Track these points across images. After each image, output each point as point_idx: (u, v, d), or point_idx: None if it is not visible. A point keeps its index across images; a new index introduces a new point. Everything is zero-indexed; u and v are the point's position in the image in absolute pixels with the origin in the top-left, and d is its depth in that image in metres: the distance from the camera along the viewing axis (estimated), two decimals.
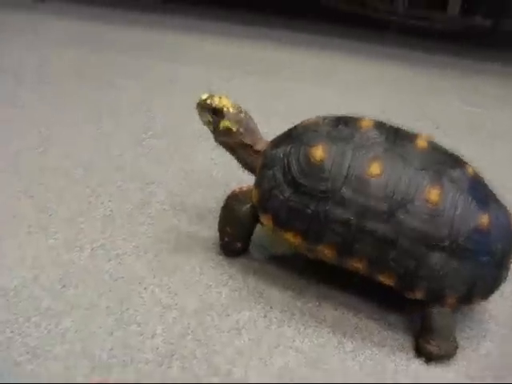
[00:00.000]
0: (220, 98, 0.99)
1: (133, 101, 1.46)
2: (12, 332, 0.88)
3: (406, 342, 0.94)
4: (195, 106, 0.99)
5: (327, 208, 0.90)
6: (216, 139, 1.03)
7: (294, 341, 0.92)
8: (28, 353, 0.85)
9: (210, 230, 1.08)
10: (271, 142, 1.00)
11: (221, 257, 1.05)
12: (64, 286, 0.96)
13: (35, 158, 1.24)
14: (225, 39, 1.73)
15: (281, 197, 0.93)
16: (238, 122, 0.99)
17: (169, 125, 1.38)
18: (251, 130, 1.01)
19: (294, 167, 0.93)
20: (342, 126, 0.94)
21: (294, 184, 0.92)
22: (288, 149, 0.94)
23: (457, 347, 0.91)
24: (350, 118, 0.96)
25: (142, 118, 1.42)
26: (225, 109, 0.99)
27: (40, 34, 1.76)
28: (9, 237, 1.04)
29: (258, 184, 0.97)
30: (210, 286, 0.99)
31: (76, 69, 1.57)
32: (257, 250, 1.07)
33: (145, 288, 0.97)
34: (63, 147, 1.28)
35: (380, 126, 0.94)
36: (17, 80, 1.50)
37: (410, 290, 0.90)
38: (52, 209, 1.11)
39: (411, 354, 0.93)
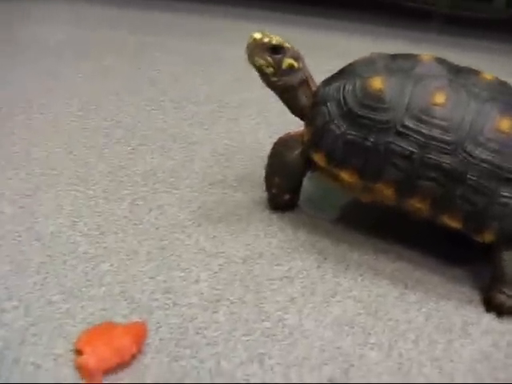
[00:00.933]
0: (270, 35, 0.89)
1: (175, 74, 1.41)
2: (47, 273, 0.82)
3: (474, 295, 0.85)
4: (246, 48, 0.89)
5: (388, 140, 0.83)
6: (276, 82, 0.91)
7: (351, 290, 0.84)
8: (63, 293, 0.79)
9: (257, 187, 1.00)
10: (323, 81, 0.93)
11: (268, 211, 0.97)
12: (102, 233, 0.90)
13: (75, 120, 1.19)
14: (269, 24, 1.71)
15: (336, 131, 0.86)
16: (299, 57, 0.91)
17: (212, 94, 1.32)
18: (306, 66, 0.93)
19: (351, 99, 0.85)
20: (401, 59, 0.88)
21: (351, 116, 0.85)
22: (343, 83, 0.88)
23: None
24: (409, 54, 0.89)
25: (184, 88, 1.37)
26: (285, 45, 0.89)
27: (80, 17, 1.76)
28: (47, 187, 0.99)
29: (309, 122, 0.90)
30: (259, 235, 0.92)
31: (115, 48, 1.53)
32: (306, 205, 0.99)
33: (188, 236, 0.91)
34: (103, 112, 1.23)
35: (442, 60, 0.88)
36: (58, 57, 1.47)
37: (479, 231, 0.82)
38: (91, 164, 1.06)
39: (481, 308, 0.83)
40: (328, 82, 0.92)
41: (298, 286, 0.84)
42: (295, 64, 0.90)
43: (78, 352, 0.69)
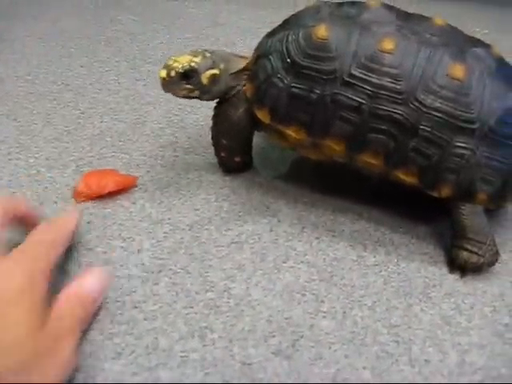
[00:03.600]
0: (175, 60, 0.80)
1: (133, 33, 1.32)
2: None
3: (438, 256, 0.79)
4: (162, 89, 0.80)
5: (334, 91, 0.75)
6: (210, 97, 0.83)
7: (305, 255, 0.78)
8: None
9: (211, 149, 0.92)
10: (266, 34, 0.85)
11: (221, 175, 0.91)
12: (41, 203, 0.84)
13: (22, 85, 1.11)
14: None
15: (280, 84, 0.78)
16: (213, 63, 0.82)
17: (170, 54, 1.21)
18: (229, 59, 0.84)
19: (294, 50, 0.78)
20: (347, 6, 0.80)
21: (295, 68, 0.77)
22: (286, 34, 0.80)
23: (497, 253, 0.76)
24: (355, 1, 0.81)
25: (142, 47, 1.27)
26: (193, 64, 0.80)
27: None
28: None
29: (251, 78, 0.82)
30: (209, 199, 0.86)
31: (73, 9, 1.43)
32: (261, 168, 0.92)
33: (133, 202, 0.84)
34: (53, 75, 1.15)
35: (390, 7, 0.79)
36: (9, 18, 1.38)
37: (435, 186, 0.75)
38: (36, 130, 0.98)
39: (444, 269, 0.78)
40: (271, 34, 0.84)
41: (248, 252, 0.78)
42: (215, 72, 0.81)
43: None
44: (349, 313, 0.71)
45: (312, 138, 0.79)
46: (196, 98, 0.83)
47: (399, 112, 0.74)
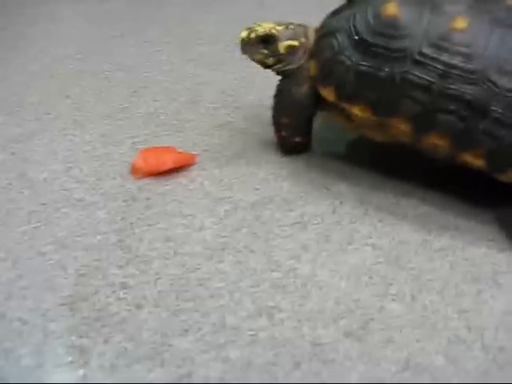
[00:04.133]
0: (259, 24, 0.83)
1: (182, 14, 1.32)
2: (38, 222, 0.76)
3: (504, 243, 0.76)
4: (240, 49, 0.84)
5: (404, 69, 0.73)
6: (282, 69, 0.84)
7: (369, 237, 0.76)
8: (55, 243, 0.73)
9: (268, 129, 0.91)
10: (330, 12, 0.83)
11: (279, 155, 0.89)
12: (99, 179, 0.83)
13: (73, 63, 1.12)
14: None
15: (347, 62, 0.76)
16: (294, 34, 0.83)
17: (220, 34, 1.23)
18: (307, 29, 0.84)
19: (363, 28, 0.76)
20: None
21: (364, 45, 0.76)
22: (353, 13, 0.78)
23: None
24: None
25: (191, 29, 1.27)
26: (273, 31, 0.82)
27: None
28: (41, 132, 0.92)
29: (315, 55, 0.81)
30: (268, 179, 0.84)
31: None
32: (319, 146, 0.90)
33: (192, 180, 0.83)
34: (103, 55, 1.15)
35: None
36: (56, 0, 1.40)
37: (504, 170, 0.73)
38: (89, 107, 0.98)
39: None
40: (335, 12, 0.82)
41: (312, 232, 0.76)
42: (293, 43, 0.82)
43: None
44: (417, 296, 0.69)
45: (378, 116, 0.77)
46: (269, 66, 0.84)
47: (470, 92, 0.72)
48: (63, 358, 0.61)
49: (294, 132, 0.87)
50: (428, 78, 0.73)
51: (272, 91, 1.01)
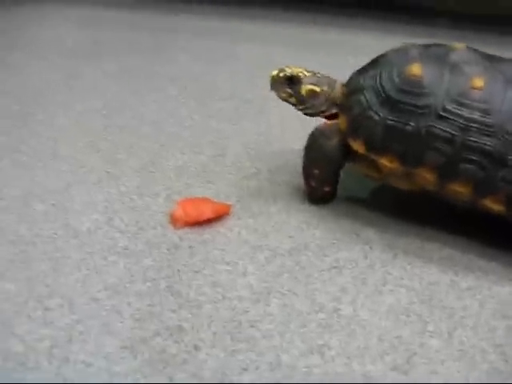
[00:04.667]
0: (289, 67, 0.93)
1: (194, 73, 1.39)
2: (88, 269, 0.79)
3: None
4: (269, 86, 0.93)
5: (430, 124, 0.82)
6: (303, 110, 0.94)
7: (402, 279, 0.81)
8: (107, 289, 0.76)
9: (293, 178, 0.98)
10: (355, 71, 0.92)
11: (307, 203, 0.95)
12: (141, 229, 0.87)
13: (99, 118, 1.17)
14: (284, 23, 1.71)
15: (375, 117, 0.84)
16: (318, 81, 0.92)
17: (234, 91, 1.30)
18: (332, 82, 0.93)
19: (389, 86, 0.85)
20: (434, 48, 0.88)
21: (390, 102, 0.84)
22: (378, 72, 0.87)
23: None
24: (440, 43, 0.89)
25: (206, 86, 1.34)
26: (300, 74, 0.92)
27: (93, 20, 1.74)
28: (77, 184, 0.96)
29: (345, 111, 0.89)
30: (301, 227, 0.90)
31: (132, 48, 1.51)
32: (344, 196, 0.97)
33: (229, 229, 0.88)
34: (127, 110, 1.21)
35: (473, 49, 0.87)
36: (75, 57, 1.46)
37: None
38: (121, 160, 1.03)
39: None
40: (361, 71, 0.91)
41: (348, 276, 0.81)
42: (315, 89, 0.91)
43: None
44: (453, 333, 0.74)
45: (405, 167, 0.85)
46: (293, 105, 0.94)
47: (489, 144, 0.80)
48: None
49: (323, 182, 0.93)
50: (451, 131, 0.81)
51: (291, 144, 1.10)
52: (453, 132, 0.81)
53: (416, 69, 0.83)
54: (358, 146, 0.87)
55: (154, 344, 0.70)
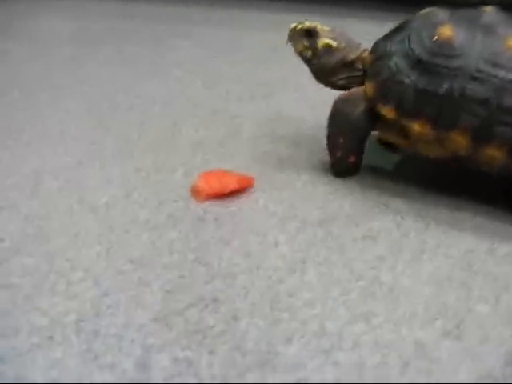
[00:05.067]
0: (309, 21, 0.91)
1: (199, 58, 1.36)
2: (109, 243, 0.75)
3: None
4: (287, 38, 0.90)
5: (463, 85, 0.79)
6: (317, 66, 0.90)
7: (438, 247, 0.78)
8: (132, 262, 0.72)
9: (313, 154, 0.95)
10: (381, 37, 0.89)
11: (331, 176, 0.91)
12: (161, 203, 0.83)
13: (106, 100, 1.12)
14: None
15: (406, 80, 0.81)
16: (336, 37, 0.89)
17: (240, 75, 1.27)
18: (353, 44, 0.90)
19: (419, 49, 0.82)
20: (463, 11, 0.85)
21: (421, 65, 0.81)
22: (406, 36, 0.84)
23: None
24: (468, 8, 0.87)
25: (211, 70, 1.30)
26: (318, 27, 0.90)
27: (89, 12, 1.71)
28: (89, 161, 0.92)
29: (372, 76, 0.85)
30: (329, 199, 0.86)
31: (131, 37, 1.48)
32: (368, 170, 0.93)
33: (255, 201, 0.84)
34: (134, 91, 1.17)
35: (502, 11, 0.84)
36: (75, 46, 1.42)
37: None
38: (133, 138, 0.99)
39: None
40: (387, 37, 0.88)
41: (383, 245, 0.78)
42: (332, 43, 0.88)
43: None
44: (500, 298, 0.71)
45: (438, 131, 0.82)
46: (307, 60, 0.91)
47: None
48: (171, 370, 0.59)
49: (348, 152, 0.89)
50: (486, 92, 0.78)
51: (304, 123, 1.06)
52: (487, 93, 0.79)
53: (447, 30, 0.81)
54: (387, 111, 0.83)
55: (188, 316, 0.65)
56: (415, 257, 0.77)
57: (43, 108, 1.10)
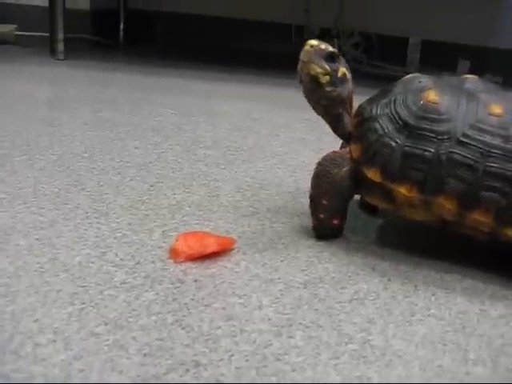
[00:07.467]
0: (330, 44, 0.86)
1: (176, 124, 1.37)
2: (83, 303, 0.69)
3: None
4: (302, 56, 0.83)
5: (450, 150, 0.79)
6: (330, 92, 0.84)
7: (429, 309, 0.75)
8: (107, 324, 0.66)
9: (294, 218, 0.93)
10: (365, 101, 0.89)
11: (314, 239, 0.89)
12: (138, 263, 0.79)
13: (81, 161, 1.10)
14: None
15: (393, 144, 0.81)
16: (347, 68, 0.88)
17: (219, 141, 1.27)
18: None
19: (404, 113, 0.82)
20: (446, 78, 0.88)
21: (408, 129, 0.81)
22: (391, 99, 0.84)
23: None
24: (451, 75, 0.90)
25: (189, 135, 1.30)
26: (339, 54, 0.86)
27: (66, 78, 1.72)
28: (63, 220, 0.88)
29: (357, 138, 0.85)
30: (312, 261, 0.83)
31: (108, 103, 1.49)
32: (351, 233, 0.91)
33: (236, 264, 0.81)
34: (110, 154, 1.14)
35: (483, 79, 0.87)
36: (51, 108, 1.42)
37: None
38: (109, 199, 0.95)
39: None
40: (372, 100, 0.88)
41: (372, 307, 0.75)
42: (347, 74, 0.87)
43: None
44: (497, 360, 0.67)
45: (424, 195, 0.81)
46: (319, 84, 0.83)
47: (511, 169, 0.78)
48: None
49: (332, 214, 0.87)
50: (472, 157, 0.79)
51: (283, 187, 1.05)
52: (474, 158, 0.79)
53: (433, 95, 0.82)
54: (373, 174, 0.82)
55: (168, 381, 0.60)
56: (406, 319, 0.73)
57: (17, 166, 1.06)
